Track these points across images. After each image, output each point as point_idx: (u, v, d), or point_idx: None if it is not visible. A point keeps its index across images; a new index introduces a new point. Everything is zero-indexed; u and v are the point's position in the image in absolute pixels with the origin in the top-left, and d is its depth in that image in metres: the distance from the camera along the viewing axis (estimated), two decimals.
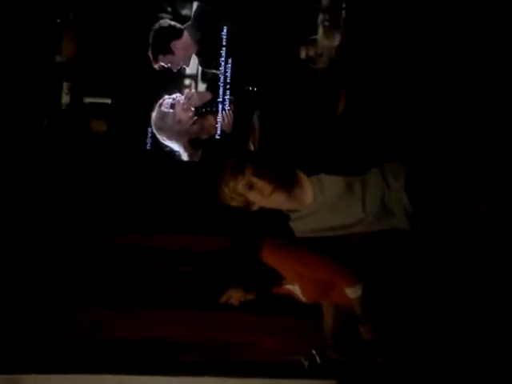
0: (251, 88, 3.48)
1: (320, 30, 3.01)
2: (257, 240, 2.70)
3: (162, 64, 3.60)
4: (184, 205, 3.27)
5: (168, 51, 3.58)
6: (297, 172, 2.50)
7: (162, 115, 3.63)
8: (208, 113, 3.59)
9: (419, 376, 2.60)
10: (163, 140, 3.65)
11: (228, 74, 3.49)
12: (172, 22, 3.62)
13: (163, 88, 3.60)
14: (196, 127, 3.63)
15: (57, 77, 3.53)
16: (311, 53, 3.08)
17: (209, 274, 2.73)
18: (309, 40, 3.07)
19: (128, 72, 3.53)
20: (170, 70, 3.63)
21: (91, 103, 3.66)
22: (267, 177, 2.39)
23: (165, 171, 3.38)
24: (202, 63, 3.72)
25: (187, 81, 3.65)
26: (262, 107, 3.44)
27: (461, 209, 2.45)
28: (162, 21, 3.63)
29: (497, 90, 2.99)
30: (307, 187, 2.50)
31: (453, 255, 2.47)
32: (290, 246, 2.62)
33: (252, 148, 3.43)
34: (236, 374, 3.10)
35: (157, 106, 3.63)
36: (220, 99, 3.51)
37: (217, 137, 3.53)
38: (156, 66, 3.61)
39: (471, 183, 2.47)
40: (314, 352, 2.69)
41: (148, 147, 3.58)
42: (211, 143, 3.54)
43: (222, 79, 3.50)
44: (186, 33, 3.60)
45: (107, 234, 3.22)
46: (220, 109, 3.52)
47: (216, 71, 3.54)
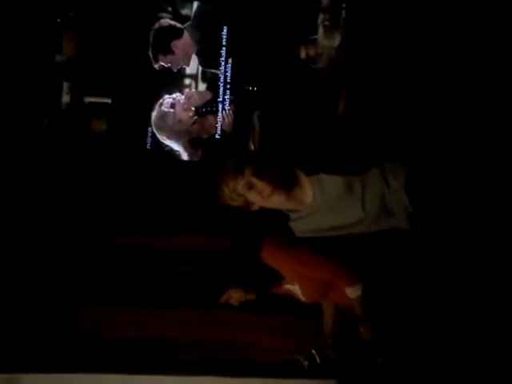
0: (251, 88, 3.48)
1: (320, 30, 3.01)
2: (257, 240, 2.70)
3: (162, 64, 3.59)
4: (184, 204, 3.28)
5: (168, 51, 3.57)
6: (296, 172, 2.50)
7: (162, 115, 3.62)
8: (208, 112, 3.58)
9: (419, 376, 2.60)
10: (163, 139, 3.64)
11: (228, 74, 3.49)
12: (172, 22, 3.61)
13: (163, 88, 3.59)
14: (196, 127, 3.62)
15: (57, 76, 3.52)
16: (311, 53, 3.08)
17: (209, 274, 2.73)
18: (309, 40, 3.07)
19: (128, 72, 3.52)
20: (170, 70, 3.62)
21: (91, 103, 3.65)
22: (267, 178, 2.39)
23: (165, 171, 3.39)
24: (202, 63, 3.71)
25: (187, 80, 3.64)
26: (262, 107, 3.43)
27: (461, 209, 2.44)
28: (163, 20, 3.61)
29: (497, 90, 2.99)
30: (307, 187, 2.50)
31: (453, 255, 2.46)
32: (290, 246, 2.62)
33: (252, 148, 3.43)
34: (236, 374, 3.10)
35: (157, 106, 3.62)
36: (220, 99, 3.51)
37: (217, 136, 3.53)
38: (156, 66, 3.60)
39: (471, 183, 2.46)
40: (314, 352, 2.70)
41: (148, 147, 3.57)
42: (211, 143, 3.53)
43: (222, 79, 3.49)
44: (187, 32, 3.60)
45: (107, 234, 3.22)
46: (220, 108, 3.51)
47: (216, 71, 3.54)
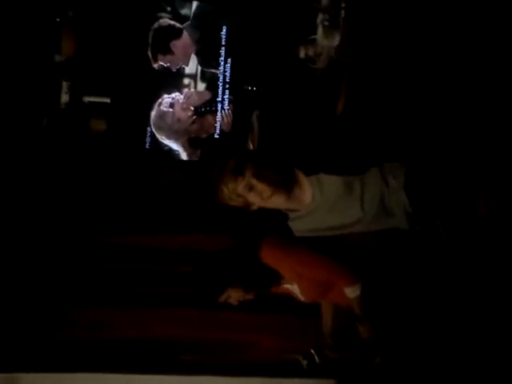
0: (250, 88, 3.48)
1: (319, 30, 3.01)
2: (256, 240, 2.70)
3: (162, 63, 3.59)
4: (183, 204, 3.28)
5: (167, 51, 3.57)
6: (296, 172, 2.50)
7: (161, 114, 3.62)
8: (207, 112, 3.58)
9: (418, 376, 2.60)
10: (162, 139, 3.64)
11: (227, 74, 3.48)
12: (171, 22, 3.61)
13: (162, 87, 3.59)
14: (195, 126, 3.62)
15: (56, 76, 3.52)
16: (310, 52, 3.08)
17: (208, 274, 2.73)
18: (308, 40, 3.07)
19: (127, 71, 3.52)
20: (170, 70, 3.62)
21: (90, 102, 3.65)
22: (267, 179, 2.39)
23: (164, 170, 3.39)
24: (202, 63, 3.71)
25: (186, 80, 3.64)
26: (262, 107, 3.43)
27: (461, 209, 2.45)
28: (162, 20, 3.61)
29: (497, 90, 2.99)
30: (306, 187, 2.50)
31: (452, 255, 2.47)
32: (289, 246, 2.62)
33: (251, 147, 3.43)
34: (235, 373, 3.11)
35: (156, 106, 3.62)
36: (219, 99, 3.51)
37: (216, 136, 3.53)
38: (155, 66, 3.60)
39: (471, 183, 2.46)
40: (313, 351, 2.70)
41: (147, 146, 3.57)
42: (210, 142, 3.53)
43: (222, 79, 3.49)
44: (186, 32, 3.59)
45: (107, 234, 3.22)
46: (219, 108, 3.51)
47: (215, 71, 3.54)
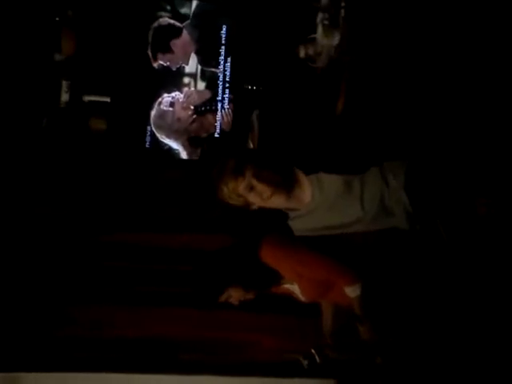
0: (250, 87, 3.47)
1: (319, 29, 3.00)
2: (256, 239, 2.70)
3: (162, 62, 3.59)
4: (183, 203, 3.28)
5: (167, 50, 3.57)
6: (296, 171, 2.50)
7: (161, 113, 3.62)
8: (207, 111, 3.57)
9: (418, 376, 2.60)
10: (162, 138, 3.64)
11: (227, 73, 3.48)
12: (171, 21, 3.61)
13: (162, 86, 3.59)
14: (195, 126, 3.62)
15: (56, 75, 3.52)
16: (310, 52, 3.08)
17: (208, 273, 2.73)
18: (308, 39, 3.07)
19: (127, 70, 3.52)
20: (169, 69, 3.62)
21: (90, 101, 3.65)
22: (267, 180, 2.39)
23: (164, 170, 3.39)
24: (202, 62, 3.70)
25: (186, 79, 3.64)
26: (262, 106, 3.43)
27: (461, 208, 2.44)
28: (162, 19, 3.61)
29: (497, 90, 2.99)
30: (306, 186, 2.50)
31: (452, 255, 2.46)
32: (289, 246, 2.62)
33: (251, 147, 3.43)
34: (235, 373, 3.11)
35: (156, 105, 3.62)
36: (219, 98, 3.50)
37: (216, 135, 3.52)
38: (155, 65, 3.60)
39: (471, 183, 2.46)
40: (313, 351, 2.70)
41: (147, 145, 3.57)
42: (210, 142, 3.53)
43: (222, 78, 3.49)
44: (186, 31, 3.59)
45: (107, 233, 3.22)
46: (219, 107, 3.51)
47: (215, 70, 3.53)
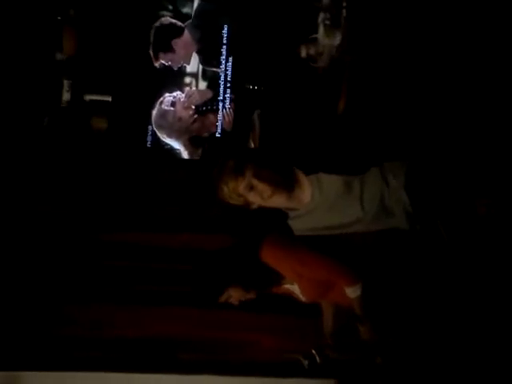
0: (252, 86, 3.48)
1: (321, 29, 3.01)
2: (256, 239, 2.70)
3: (163, 62, 3.60)
4: (184, 203, 3.27)
5: (169, 49, 3.57)
6: (296, 171, 2.50)
7: (163, 113, 3.63)
8: (208, 111, 3.58)
9: (419, 376, 2.60)
10: (163, 138, 3.65)
11: (229, 73, 3.48)
12: (173, 20, 3.62)
13: (164, 86, 3.60)
14: (196, 125, 3.62)
15: (57, 74, 3.53)
16: (312, 51, 3.08)
17: (209, 273, 2.73)
18: (309, 39, 3.07)
19: (129, 70, 3.53)
20: (171, 68, 3.63)
21: (92, 101, 3.66)
22: (267, 179, 2.39)
23: (165, 169, 3.38)
24: (203, 61, 3.71)
25: (188, 79, 3.65)
26: (263, 106, 3.43)
27: (461, 208, 2.44)
28: (163, 19, 3.62)
29: (497, 90, 2.99)
30: (306, 186, 2.49)
31: (452, 255, 2.46)
32: (290, 246, 2.62)
33: (252, 147, 3.43)
34: (235, 373, 3.10)
35: (157, 104, 3.63)
36: (220, 97, 3.50)
37: (217, 135, 3.53)
38: (157, 64, 3.61)
39: (471, 183, 2.46)
40: (314, 351, 2.69)
41: (148, 145, 3.58)
42: (211, 141, 3.53)
43: (223, 77, 3.49)
44: (187, 31, 3.60)
45: (107, 232, 3.22)
46: (220, 107, 3.51)
47: (217, 69, 3.54)
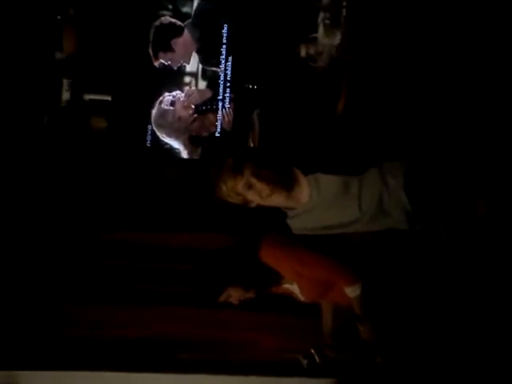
0: (251, 86, 3.47)
1: (320, 29, 3.01)
2: (256, 239, 2.70)
3: (163, 61, 3.60)
4: (184, 202, 3.27)
5: (168, 48, 3.57)
6: (294, 171, 2.50)
7: (162, 112, 3.63)
8: (208, 110, 3.58)
9: (418, 375, 2.60)
10: (163, 137, 3.65)
11: (228, 72, 3.48)
12: (172, 20, 3.62)
13: (163, 85, 3.60)
14: (196, 125, 3.62)
15: (57, 73, 3.53)
16: (311, 51, 3.08)
17: (208, 273, 2.73)
18: (309, 38, 3.07)
19: (128, 69, 3.53)
20: (171, 68, 3.62)
21: (91, 100, 3.66)
22: (266, 178, 2.39)
23: (164, 169, 3.38)
24: (203, 61, 3.71)
25: (187, 78, 3.65)
26: (262, 105, 3.43)
27: (461, 208, 2.44)
28: (163, 18, 3.62)
29: (496, 90, 2.99)
30: (304, 186, 2.50)
31: (452, 255, 2.46)
32: (289, 246, 2.62)
33: (252, 146, 3.43)
34: (235, 372, 3.10)
35: (157, 104, 3.63)
36: (220, 97, 3.50)
37: (217, 135, 3.52)
38: (156, 64, 3.61)
39: (471, 183, 2.46)
40: (313, 351, 2.70)
41: (148, 144, 3.58)
42: (211, 141, 3.53)
43: (223, 77, 3.49)
44: (187, 30, 3.60)
45: (108, 231, 3.22)
46: (220, 106, 3.51)
47: (216, 69, 3.53)
